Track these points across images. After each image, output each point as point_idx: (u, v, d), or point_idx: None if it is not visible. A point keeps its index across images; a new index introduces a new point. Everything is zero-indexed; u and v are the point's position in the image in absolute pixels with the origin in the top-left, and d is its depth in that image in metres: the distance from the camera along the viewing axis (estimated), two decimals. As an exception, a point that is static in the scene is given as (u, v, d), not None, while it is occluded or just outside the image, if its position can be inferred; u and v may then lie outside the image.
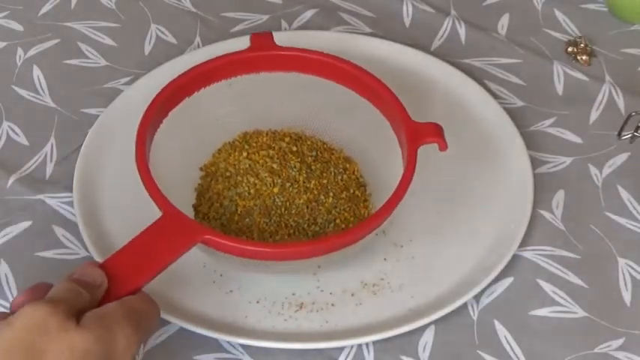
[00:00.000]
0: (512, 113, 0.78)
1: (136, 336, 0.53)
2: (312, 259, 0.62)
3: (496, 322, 0.66)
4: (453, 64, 0.82)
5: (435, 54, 0.83)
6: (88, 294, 0.54)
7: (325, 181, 0.69)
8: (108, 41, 0.86)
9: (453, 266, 0.69)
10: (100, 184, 0.73)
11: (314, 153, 0.71)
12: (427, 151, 0.76)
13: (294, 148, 0.70)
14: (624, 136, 0.76)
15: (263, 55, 0.70)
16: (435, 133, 0.65)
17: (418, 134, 0.65)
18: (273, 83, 0.71)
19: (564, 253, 0.70)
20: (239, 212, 0.67)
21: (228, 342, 0.65)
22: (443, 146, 0.65)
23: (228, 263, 0.65)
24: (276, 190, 0.67)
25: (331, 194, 0.68)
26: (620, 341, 0.65)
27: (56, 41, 0.86)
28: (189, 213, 0.69)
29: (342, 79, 0.70)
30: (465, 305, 0.67)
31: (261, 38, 0.71)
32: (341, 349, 0.65)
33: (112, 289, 0.56)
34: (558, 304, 0.67)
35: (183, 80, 0.68)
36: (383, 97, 0.68)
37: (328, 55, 0.70)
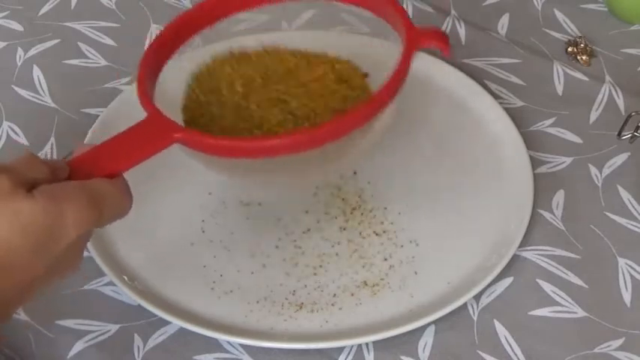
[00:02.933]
0: (512, 113, 0.78)
1: (88, 215, 0.51)
2: (312, 167, 0.60)
3: (496, 322, 0.66)
4: (453, 64, 0.82)
5: (435, 54, 0.83)
6: (47, 169, 0.52)
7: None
8: (108, 41, 0.86)
9: (453, 266, 0.69)
10: (100, 184, 0.73)
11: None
12: (427, 152, 0.76)
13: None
14: (624, 136, 0.76)
15: None
16: (436, 35, 0.62)
17: (417, 36, 0.61)
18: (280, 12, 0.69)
19: (564, 253, 0.70)
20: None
21: (228, 342, 0.65)
22: (446, 51, 0.61)
23: (221, 169, 0.62)
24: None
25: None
26: (620, 341, 0.65)
27: (56, 41, 0.86)
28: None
29: None
30: (465, 305, 0.67)
31: None
32: (341, 349, 0.65)
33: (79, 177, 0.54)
34: (558, 304, 0.67)
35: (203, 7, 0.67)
36: (385, 7, 0.65)
37: None
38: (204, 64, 0.68)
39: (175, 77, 0.66)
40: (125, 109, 0.77)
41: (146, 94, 0.60)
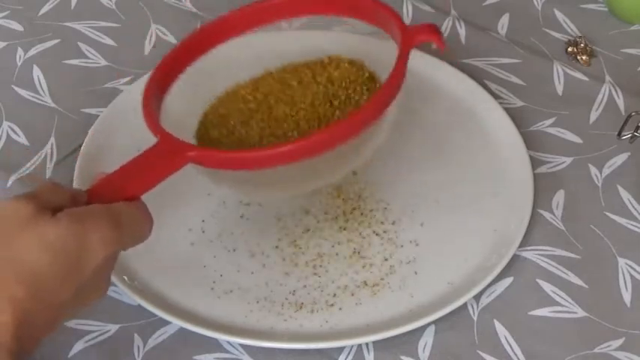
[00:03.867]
0: (512, 113, 0.78)
1: (112, 235, 0.52)
2: (324, 168, 0.61)
3: (496, 322, 0.66)
4: (453, 64, 0.82)
5: (435, 54, 0.83)
6: (68, 195, 0.53)
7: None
8: (108, 41, 0.86)
9: (453, 266, 0.69)
10: (100, 184, 0.73)
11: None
12: (427, 152, 0.76)
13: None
14: (624, 136, 0.76)
15: (252, 8, 0.69)
16: (429, 30, 0.62)
17: (412, 34, 0.62)
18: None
19: (564, 253, 0.70)
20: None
21: (228, 342, 0.65)
22: (440, 44, 0.62)
23: (233, 184, 0.64)
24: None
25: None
26: (620, 341, 0.65)
27: (56, 41, 0.86)
28: None
29: (338, 11, 0.69)
30: (465, 305, 0.67)
31: None
32: (341, 349, 0.65)
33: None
34: (558, 304, 0.67)
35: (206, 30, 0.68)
36: (377, 13, 0.66)
37: None
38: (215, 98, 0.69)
39: (177, 97, 0.66)
40: (125, 109, 0.78)
41: (153, 119, 0.61)
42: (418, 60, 0.82)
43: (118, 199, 0.55)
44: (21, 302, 0.49)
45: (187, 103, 0.67)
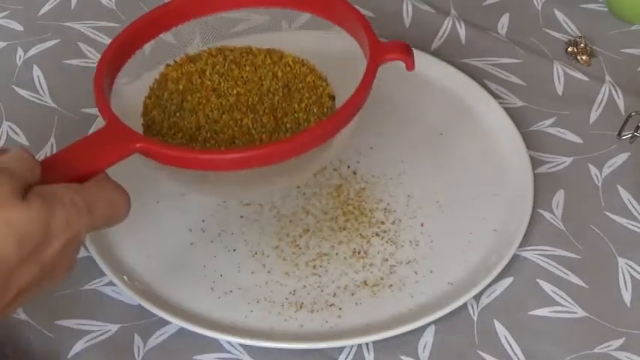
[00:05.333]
0: (512, 113, 0.78)
1: (78, 218, 0.51)
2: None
3: (496, 322, 0.66)
4: (453, 64, 0.82)
5: (435, 54, 0.83)
6: (39, 170, 0.52)
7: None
8: (108, 41, 0.86)
9: (452, 266, 0.69)
10: (100, 184, 0.73)
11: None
12: (427, 152, 0.76)
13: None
14: (624, 136, 0.77)
15: None
16: (400, 49, 0.61)
17: (381, 51, 0.61)
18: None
19: (564, 253, 0.70)
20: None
21: (228, 342, 0.65)
22: (409, 64, 0.61)
23: (185, 182, 0.62)
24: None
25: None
26: (620, 341, 0.65)
27: (56, 41, 0.86)
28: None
29: (311, 8, 0.68)
30: (465, 305, 0.67)
31: None
32: (341, 349, 0.65)
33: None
34: (558, 304, 0.67)
35: (159, 11, 0.69)
36: (351, 20, 0.65)
37: None
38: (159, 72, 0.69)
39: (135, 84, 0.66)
40: (124, 109, 0.77)
41: (104, 100, 0.60)
42: (418, 60, 0.82)
43: (71, 177, 0.54)
44: None
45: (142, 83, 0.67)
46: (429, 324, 0.66)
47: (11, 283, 0.50)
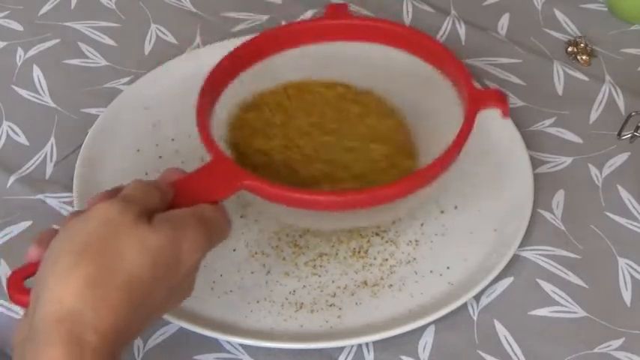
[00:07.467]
0: (512, 113, 0.78)
1: (203, 241, 0.54)
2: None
3: (496, 322, 0.66)
4: (453, 64, 0.82)
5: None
6: (159, 195, 0.55)
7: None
8: (108, 41, 0.86)
9: (452, 266, 0.69)
10: (100, 184, 0.73)
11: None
12: (426, 152, 0.76)
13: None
14: (624, 136, 0.77)
15: (335, 23, 0.71)
16: (497, 98, 0.66)
17: (480, 99, 0.65)
18: (338, 52, 0.71)
19: (564, 253, 0.70)
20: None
21: (228, 342, 0.65)
22: (505, 111, 0.65)
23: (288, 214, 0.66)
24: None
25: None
26: (620, 341, 0.65)
27: (56, 41, 0.86)
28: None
29: (408, 47, 0.71)
30: (465, 305, 0.67)
31: (336, 7, 0.72)
32: (341, 349, 0.65)
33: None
34: (558, 304, 0.67)
35: (257, 41, 0.69)
36: (449, 64, 0.68)
37: (398, 24, 0.73)
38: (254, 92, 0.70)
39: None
40: (125, 109, 0.78)
41: (211, 140, 0.62)
42: (418, 60, 0.82)
43: (197, 202, 0.57)
44: (120, 309, 0.50)
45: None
46: (429, 324, 0.66)
47: (145, 305, 0.52)
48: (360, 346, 0.65)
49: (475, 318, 0.67)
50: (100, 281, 0.50)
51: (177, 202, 0.56)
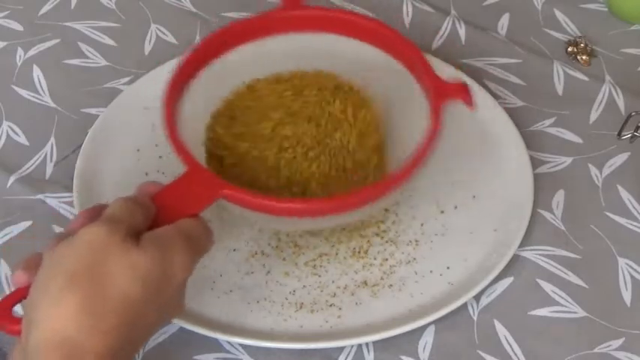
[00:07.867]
0: (512, 113, 0.78)
1: (190, 259, 0.54)
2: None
3: (496, 322, 0.66)
4: (453, 64, 0.82)
5: (435, 54, 0.83)
6: (142, 213, 0.55)
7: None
8: (108, 41, 0.86)
9: (452, 266, 0.69)
10: (100, 183, 0.73)
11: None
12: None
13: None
14: (624, 136, 0.77)
15: (293, 14, 0.70)
16: (459, 90, 0.64)
17: (442, 93, 0.64)
18: (297, 44, 0.70)
19: (564, 253, 0.70)
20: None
21: (228, 342, 0.65)
22: (469, 103, 0.64)
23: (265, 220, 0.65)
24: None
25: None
26: (620, 341, 0.65)
27: (56, 41, 0.86)
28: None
29: (370, 38, 0.70)
30: (465, 305, 0.67)
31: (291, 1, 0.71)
32: (341, 349, 0.65)
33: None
34: (558, 304, 0.67)
35: (213, 39, 0.68)
36: (410, 55, 0.67)
37: (355, 14, 0.71)
38: (224, 99, 0.69)
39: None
40: (125, 109, 0.78)
41: (185, 151, 0.61)
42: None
43: (179, 215, 0.57)
44: (114, 332, 0.50)
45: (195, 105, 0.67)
46: (429, 324, 0.66)
47: (138, 326, 0.52)
48: (360, 346, 0.65)
49: (475, 318, 0.67)
50: (93, 306, 0.50)
51: (158, 216, 0.56)
